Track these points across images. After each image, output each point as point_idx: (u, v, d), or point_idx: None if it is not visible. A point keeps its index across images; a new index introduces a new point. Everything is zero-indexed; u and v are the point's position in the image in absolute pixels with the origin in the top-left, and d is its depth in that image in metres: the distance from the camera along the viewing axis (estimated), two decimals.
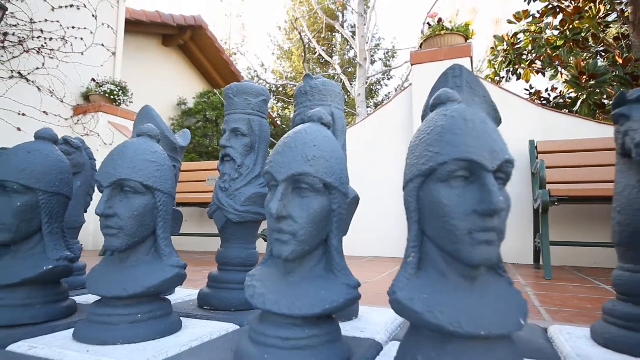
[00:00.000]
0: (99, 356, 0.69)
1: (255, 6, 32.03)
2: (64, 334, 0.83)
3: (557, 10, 5.50)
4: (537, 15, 5.36)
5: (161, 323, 0.83)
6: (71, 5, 4.65)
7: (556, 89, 5.67)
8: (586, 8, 5.22)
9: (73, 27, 4.64)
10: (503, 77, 6.05)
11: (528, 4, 6.05)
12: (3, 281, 0.88)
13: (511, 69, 5.67)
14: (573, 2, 5.47)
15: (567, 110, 4.36)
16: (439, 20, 3.17)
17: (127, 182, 0.80)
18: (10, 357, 0.69)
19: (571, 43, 5.02)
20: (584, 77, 4.06)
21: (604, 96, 4.41)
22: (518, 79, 5.76)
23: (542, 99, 5.74)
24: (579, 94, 4.25)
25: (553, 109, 3.09)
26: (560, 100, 5.55)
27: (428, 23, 3.26)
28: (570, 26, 4.99)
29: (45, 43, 4.36)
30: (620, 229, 0.81)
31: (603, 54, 5.63)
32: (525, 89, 5.75)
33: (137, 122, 1.30)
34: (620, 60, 4.11)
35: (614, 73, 4.18)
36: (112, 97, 4.66)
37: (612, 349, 0.78)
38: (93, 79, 4.75)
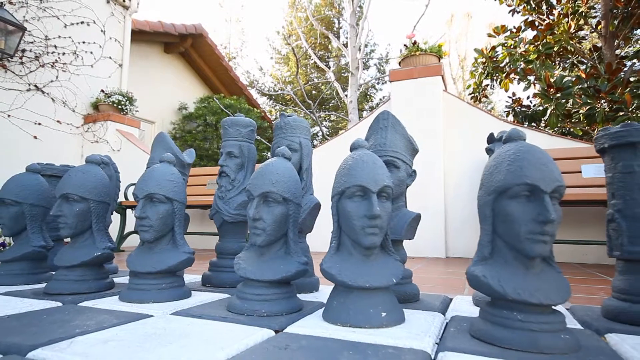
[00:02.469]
0: (140, 308, 1.08)
1: (255, 11, 32.45)
2: (112, 298, 1.21)
3: (537, 24, 5.91)
4: (514, 30, 5.75)
5: (178, 291, 1.22)
6: (82, 22, 5.04)
7: (537, 96, 6.05)
8: (562, 22, 5.61)
9: (84, 42, 5.03)
10: (487, 84, 6.45)
11: (512, 15, 6.47)
12: (67, 263, 1.27)
13: (493, 78, 6.06)
14: (549, 18, 5.87)
15: (526, 124, 4.75)
16: (414, 42, 3.55)
17: (155, 195, 1.19)
18: (84, 309, 1.07)
19: (544, 57, 5.41)
20: (552, 90, 4.45)
21: (575, 107, 4.79)
22: (501, 87, 6.15)
23: (522, 106, 6.12)
24: (548, 105, 4.64)
25: (513, 122, 3.47)
26: (540, 108, 5.94)
27: (405, 45, 3.65)
28: (544, 41, 5.38)
29: (58, 58, 4.75)
30: None
31: (579, 65, 6.03)
32: (509, 97, 6.13)
33: (154, 145, 1.68)
34: (584, 75, 4.49)
35: (585, 85, 4.56)
36: (119, 106, 5.04)
37: (478, 307, 1.16)
38: (102, 90, 5.14)
